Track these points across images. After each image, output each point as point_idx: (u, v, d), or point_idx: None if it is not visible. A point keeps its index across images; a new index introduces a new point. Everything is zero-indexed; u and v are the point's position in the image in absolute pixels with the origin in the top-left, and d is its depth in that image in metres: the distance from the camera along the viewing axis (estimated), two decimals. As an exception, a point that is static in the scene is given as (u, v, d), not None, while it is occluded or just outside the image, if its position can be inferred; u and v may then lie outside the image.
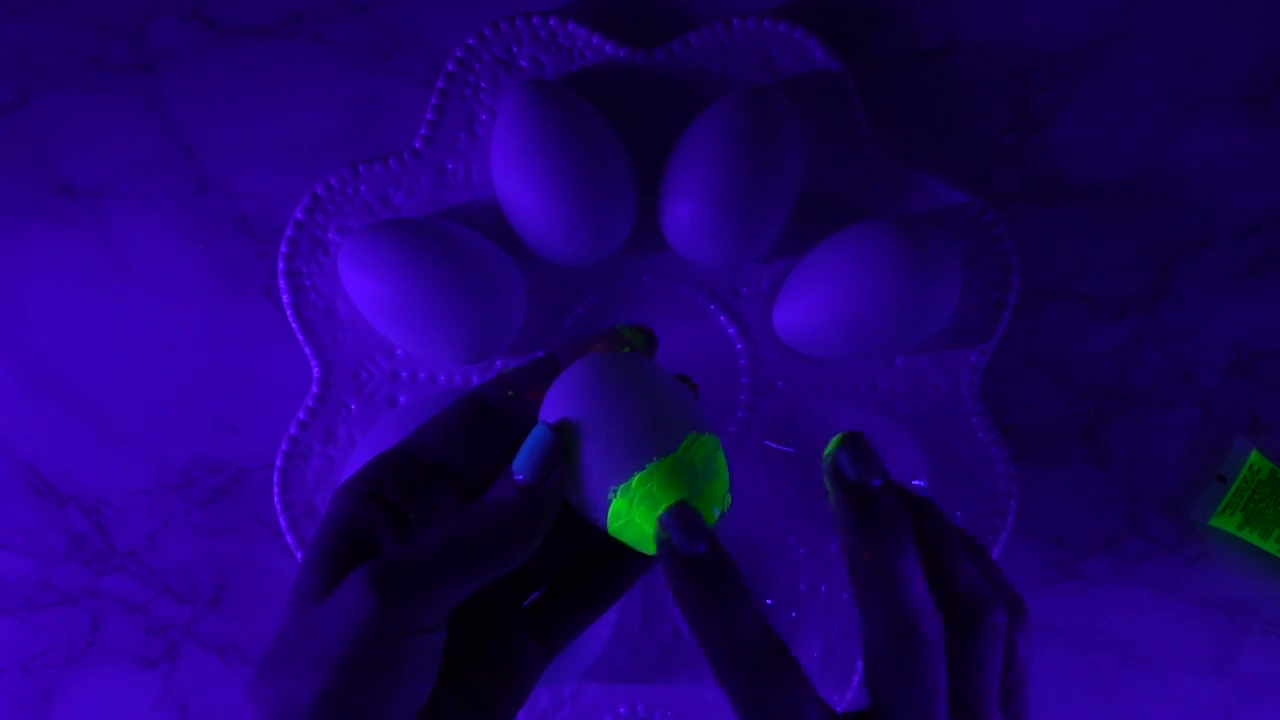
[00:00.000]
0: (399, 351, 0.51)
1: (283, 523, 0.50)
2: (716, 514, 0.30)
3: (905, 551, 0.29)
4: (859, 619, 0.30)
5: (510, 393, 0.32)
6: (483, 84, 0.50)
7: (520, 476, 0.29)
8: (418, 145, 0.50)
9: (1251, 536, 0.52)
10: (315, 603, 0.29)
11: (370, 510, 0.30)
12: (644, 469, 0.29)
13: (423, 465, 0.31)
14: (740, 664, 0.28)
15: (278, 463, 0.50)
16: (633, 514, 0.29)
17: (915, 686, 0.29)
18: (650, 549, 0.29)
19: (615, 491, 0.29)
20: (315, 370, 0.50)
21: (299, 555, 0.50)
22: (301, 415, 0.50)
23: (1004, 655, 0.31)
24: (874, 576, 0.29)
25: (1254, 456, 0.52)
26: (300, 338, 0.50)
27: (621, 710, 0.52)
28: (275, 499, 0.50)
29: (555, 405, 0.31)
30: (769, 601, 0.51)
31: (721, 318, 0.51)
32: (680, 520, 0.28)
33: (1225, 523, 0.52)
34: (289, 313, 0.50)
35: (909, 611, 0.29)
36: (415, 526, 0.30)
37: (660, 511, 0.29)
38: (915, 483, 0.50)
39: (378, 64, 0.51)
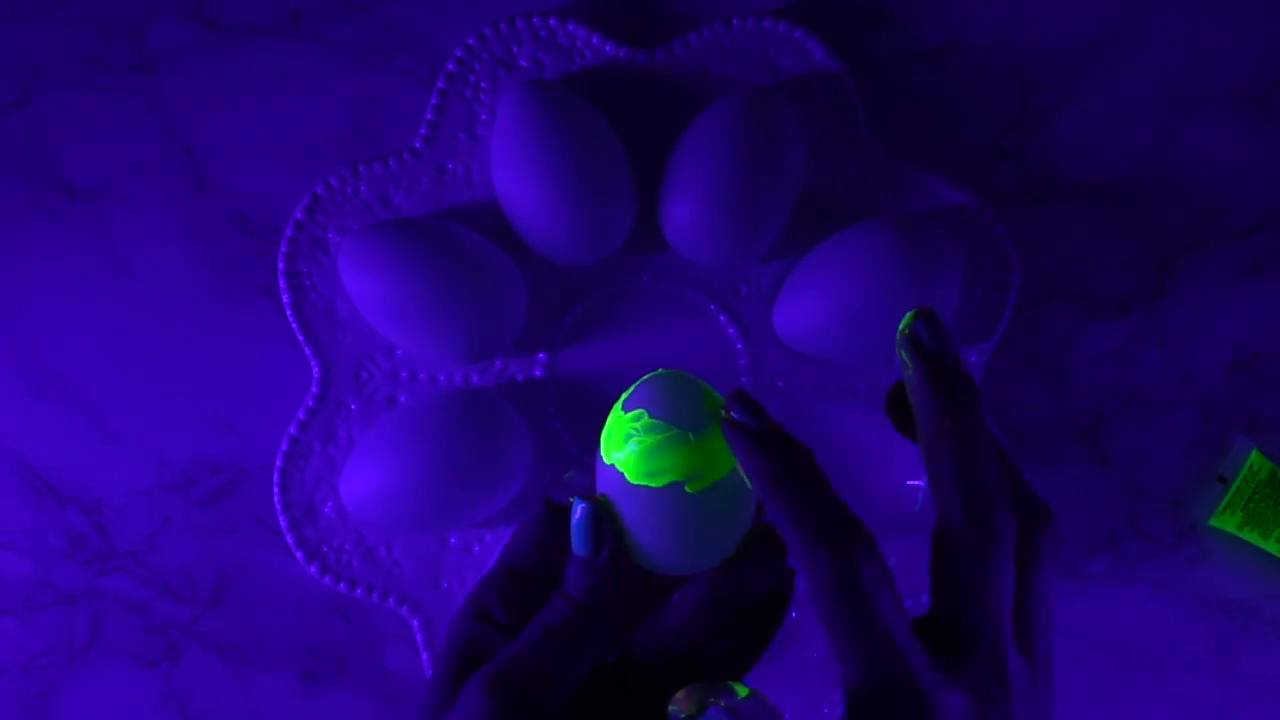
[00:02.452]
0: (399, 351, 0.51)
1: (283, 523, 0.50)
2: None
3: (985, 430, 0.29)
4: (932, 504, 0.30)
5: (571, 499, 0.33)
6: (483, 84, 0.50)
7: (579, 551, 0.30)
8: (418, 145, 0.50)
9: (1251, 536, 0.52)
10: (440, 717, 0.31)
11: (480, 629, 0.32)
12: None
13: (520, 577, 0.32)
14: (822, 532, 0.28)
15: (278, 463, 0.50)
16: (640, 454, 0.29)
17: (991, 578, 0.28)
18: (670, 474, 0.29)
19: (625, 442, 0.30)
20: (315, 370, 0.50)
21: (299, 555, 0.50)
22: (301, 415, 0.50)
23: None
24: (957, 449, 0.28)
25: (1254, 456, 0.52)
26: (300, 338, 0.50)
27: (621, 710, 0.52)
28: (275, 499, 0.50)
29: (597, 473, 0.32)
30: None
31: (721, 318, 0.51)
32: (738, 401, 0.29)
33: (1225, 523, 0.52)
34: (289, 313, 0.50)
35: (988, 490, 0.28)
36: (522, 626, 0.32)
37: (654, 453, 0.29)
38: (914, 483, 0.50)
39: (378, 64, 0.51)
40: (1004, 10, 0.51)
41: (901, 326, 0.29)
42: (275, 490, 0.50)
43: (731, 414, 0.29)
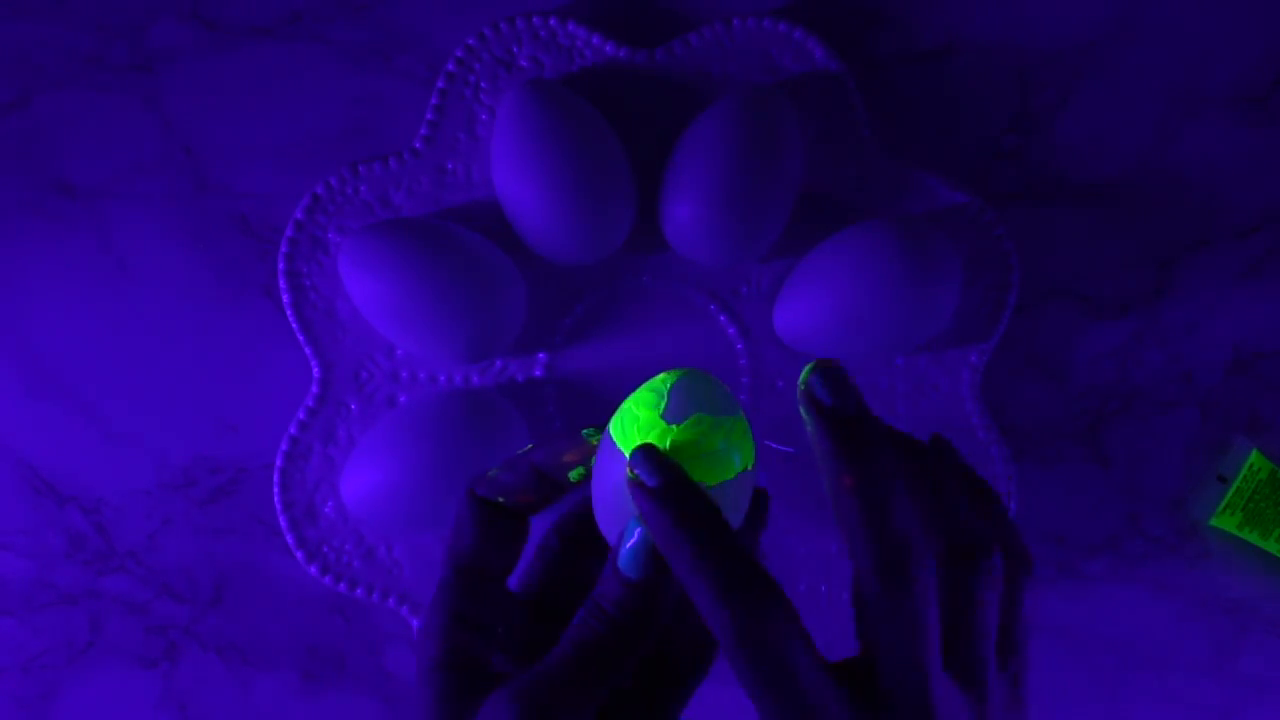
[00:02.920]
0: (399, 351, 0.51)
1: (283, 523, 0.50)
2: (735, 463, 0.30)
3: (890, 478, 0.28)
4: (848, 562, 0.29)
5: (501, 499, 0.33)
6: (483, 84, 0.50)
7: (630, 575, 0.30)
8: (418, 145, 0.50)
9: (1251, 536, 0.52)
10: None
11: (467, 637, 0.31)
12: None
13: (480, 576, 0.32)
14: (724, 591, 0.27)
15: (278, 463, 0.50)
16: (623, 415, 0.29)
17: (906, 623, 0.28)
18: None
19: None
20: (315, 370, 0.50)
21: (299, 555, 0.50)
22: (301, 415, 0.50)
23: (1002, 605, 0.30)
24: (858, 504, 0.28)
25: (1254, 456, 0.52)
26: (300, 338, 0.50)
27: (621, 710, 0.52)
28: (275, 499, 0.50)
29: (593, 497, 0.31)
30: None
31: (721, 318, 0.51)
32: (643, 457, 0.29)
33: (1225, 523, 0.52)
34: (289, 313, 0.50)
35: (897, 540, 0.28)
36: (499, 635, 0.32)
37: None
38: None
39: (378, 64, 0.51)
40: (1004, 10, 0.51)
41: (800, 382, 0.29)
42: (275, 490, 0.50)
43: (634, 470, 0.28)
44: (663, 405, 0.30)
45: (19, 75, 0.51)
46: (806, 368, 0.29)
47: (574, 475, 0.32)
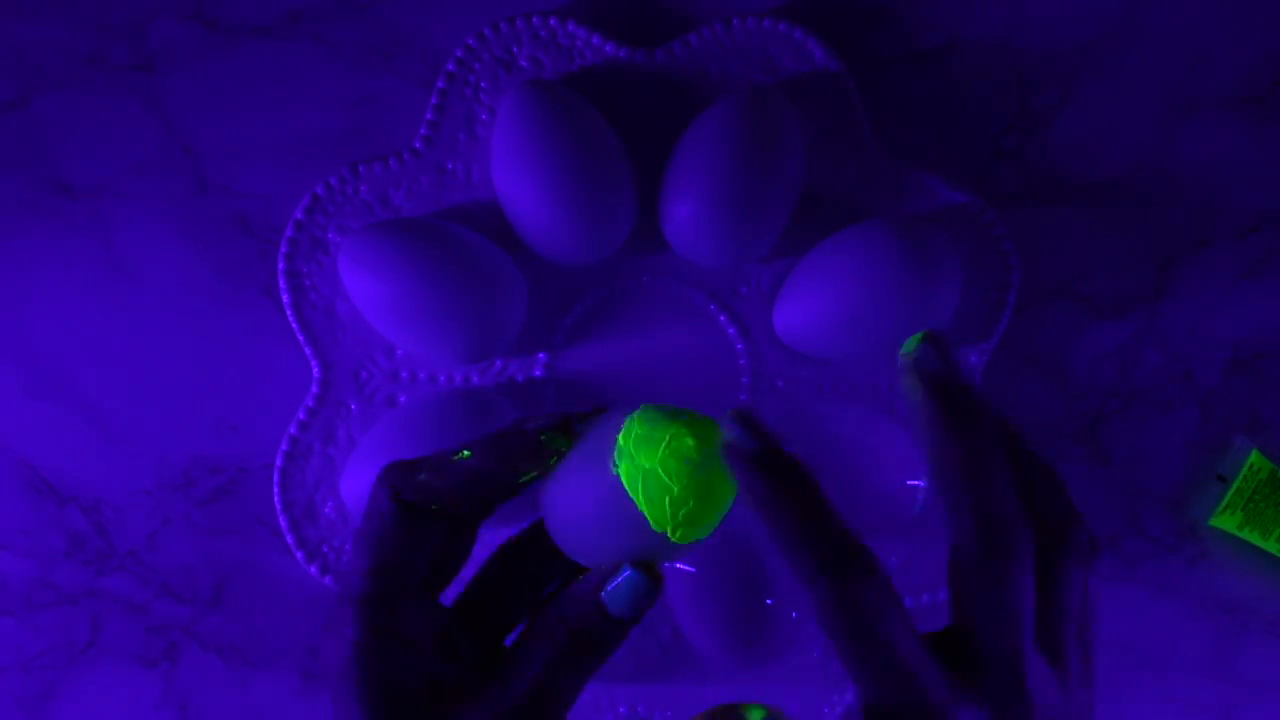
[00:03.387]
0: (399, 351, 0.51)
1: (283, 523, 0.50)
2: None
3: (997, 451, 0.28)
4: (946, 528, 0.29)
5: (434, 506, 0.31)
6: (483, 84, 0.50)
7: (614, 610, 0.29)
8: (418, 145, 0.50)
9: (1251, 536, 0.52)
10: None
11: (400, 658, 0.30)
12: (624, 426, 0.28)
13: (410, 590, 0.30)
14: (822, 562, 0.27)
15: (278, 463, 0.50)
16: (639, 463, 0.28)
17: (1005, 595, 0.28)
18: (668, 491, 0.28)
19: (618, 457, 0.28)
20: (315, 370, 0.50)
21: (299, 555, 0.50)
22: (301, 415, 0.50)
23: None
24: (966, 475, 0.28)
25: (1254, 456, 0.52)
26: (300, 338, 0.50)
27: (621, 710, 0.52)
28: (275, 499, 0.50)
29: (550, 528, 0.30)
30: (769, 601, 0.51)
31: (721, 318, 0.51)
32: (740, 420, 0.28)
33: (1225, 523, 0.52)
34: (289, 313, 0.50)
35: (1002, 513, 0.28)
36: (429, 651, 0.30)
37: (661, 448, 0.28)
38: (914, 483, 0.50)
39: (378, 64, 0.51)
40: (1004, 10, 0.51)
41: (905, 350, 0.29)
42: (275, 490, 0.50)
43: (732, 434, 0.28)
44: (641, 426, 0.29)
45: (19, 75, 0.51)
46: (913, 337, 0.28)
47: (525, 478, 0.30)
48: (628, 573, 0.29)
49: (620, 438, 0.28)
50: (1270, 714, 0.53)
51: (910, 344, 0.29)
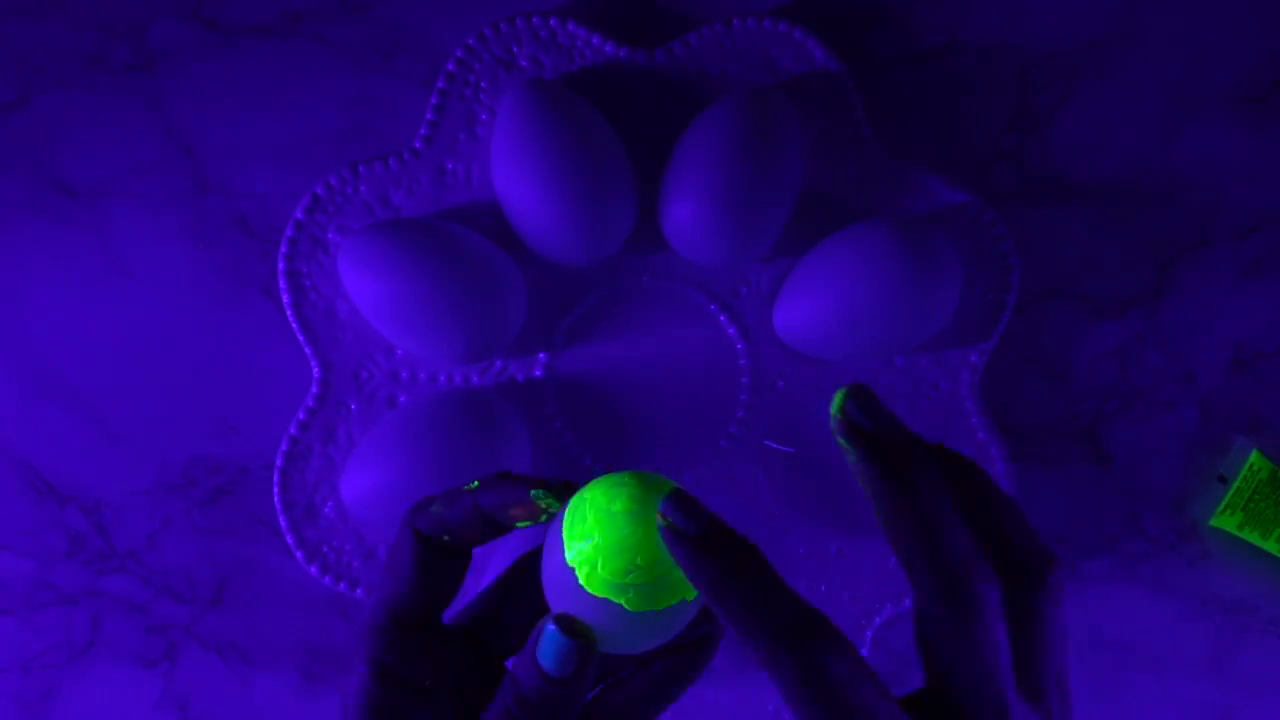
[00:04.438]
0: (399, 351, 0.51)
1: (283, 523, 0.50)
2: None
3: (942, 498, 0.27)
4: (908, 587, 0.28)
5: (445, 537, 0.31)
6: (483, 84, 0.50)
7: (552, 672, 0.29)
8: (418, 145, 0.50)
9: (1251, 536, 0.52)
10: None
11: (394, 696, 0.30)
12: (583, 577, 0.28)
13: (412, 626, 0.31)
14: (781, 637, 0.26)
15: (278, 463, 0.50)
16: (596, 570, 0.28)
17: (975, 648, 0.27)
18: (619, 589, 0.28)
19: (573, 555, 0.28)
20: (315, 370, 0.50)
21: (299, 555, 0.50)
22: (301, 415, 0.50)
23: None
24: (913, 529, 0.27)
25: (1254, 456, 0.52)
26: (300, 338, 0.50)
27: (621, 710, 0.51)
28: (275, 499, 0.50)
29: (546, 576, 0.30)
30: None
31: (721, 318, 0.51)
32: (676, 503, 0.27)
33: (1225, 523, 0.52)
34: (289, 313, 0.50)
35: (957, 561, 0.27)
36: (429, 689, 0.30)
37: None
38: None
39: (378, 64, 0.51)
40: (1004, 10, 0.51)
41: (833, 410, 0.28)
42: (275, 490, 0.50)
43: (670, 518, 0.27)
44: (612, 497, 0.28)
45: (19, 75, 0.51)
46: (838, 395, 0.28)
47: (520, 524, 0.31)
48: (549, 628, 0.29)
49: (571, 561, 0.28)
50: (1270, 714, 0.53)
51: (836, 403, 0.28)
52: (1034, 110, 0.52)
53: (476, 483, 0.31)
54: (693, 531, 0.27)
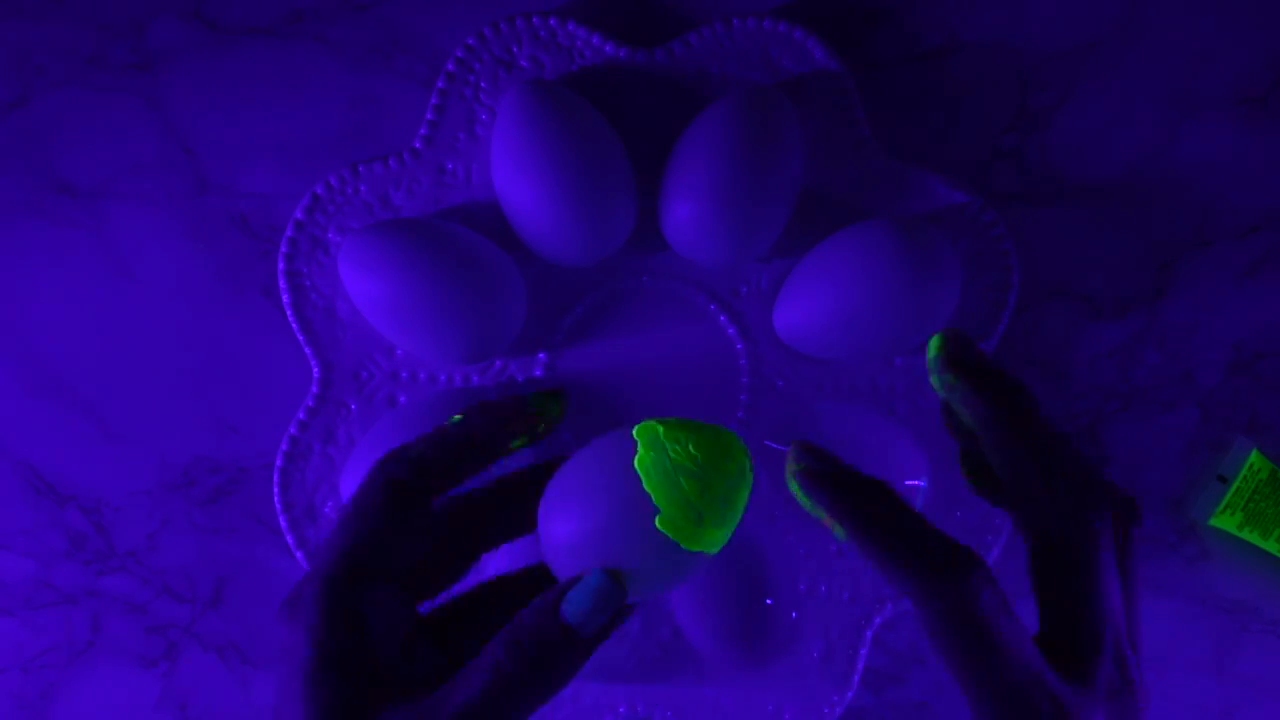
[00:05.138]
0: (399, 351, 0.51)
1: (283, 523, 0.50)
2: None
3: (1052, 425, 0.27)
4: (1019, 520, 0.27)
5: (428, 482, 0.30)
6: (483, 84, 0.50)
7: (575, 623, 0.27)
8: (418, 145, 0.50)
9: (1251, 536, 0.52)
10: None
11: (346, 640, 0.28)
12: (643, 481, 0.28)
13: (363, 575, 0.29)
14: (932, 569, 0.26)
15: (278, 463, 0.50)
16: (660, 461, 0.28)
17: (1102, 573, 0.26)
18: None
19: (641, 452, 0.28)
20: (315, 370, 0.50)
21: (299, 555, 0.50)
22: (301, 415, 0.50)
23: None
24: (1035, 453, 0.26)
25: (1254, 456, 0.52)
26: (300, 338, 0.50)
27: (621, 710, 0.52)
28: (275, 499, 0.50)
29: (559, 530, 0.29)
30: (769, 601, 0.51)
31: (721, 318, 0.51)
32: (809, 451, 0.28)
33: (1225, 523, 0.52)
34: (289, 313, 0.50)
35: (1081, 483, 0.26)
36: (386, 646, 0.29)
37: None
38: (914, 483, 0.50)
39: (378, 64, 0.51)
40: (1004, 10, 0.51)
41: (932, 353, 0.28)
42: (275, 490, 0.50)
43: (805, 463, 0.27)
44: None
45: (19, 75, 0.51)
46: (935, 339, 0.28)
47: (516, 444, 0.30)
48: (594, 575, 0.28)
49: (638, 433, 0.28)
50: (1270, 714, 0.53)
51: (934, 345, 0.28)
52: (1034, 110, 0.52)
53: (459, 416, 0.30)
54: (831, 471, 0.27)
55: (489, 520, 0.32)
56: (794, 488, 0.28)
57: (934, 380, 0.28)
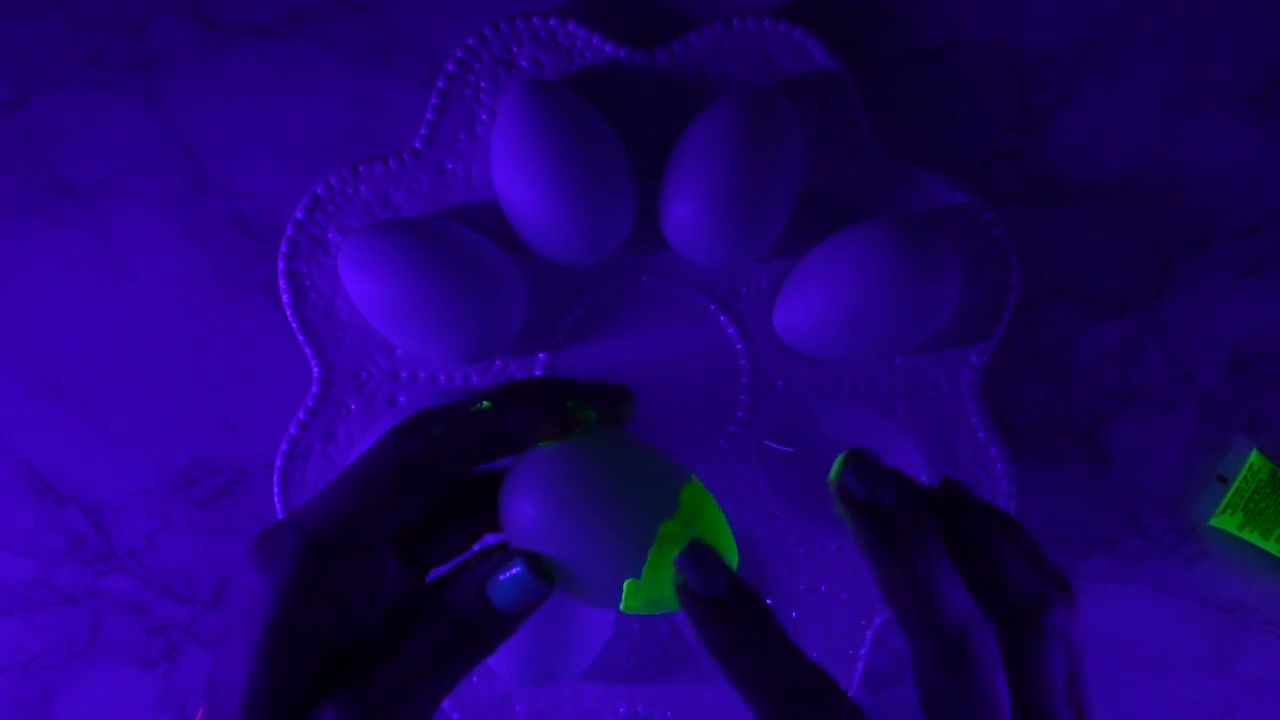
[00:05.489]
0: (399, 351, 0.51)
1: (283, 523, 0.50)
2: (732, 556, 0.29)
3: (938, 564, 0.27)
4: (904, 640, 0.28)
5: (444, 464, 0.29)
6: (483, 84, 0.50)
7: (499, 606, 0.28)
8: (418, 145, 0.50)
9: (1251, 536, 0.52)
10: None
11: (322, 614, 0.28)
12: (654, 544, 0.28)
13: (352, 542, 0.29)
14: (777, 701, 0.26)
15: (278, 463, 0.50)
16: (651, 590, 0.28)
17: (975, 705, 0.27)
18: (672, 607, 0.28)
19: (633, 581, 0.28)
20: (315, 370, 0.50)
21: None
22: (301, 415, 0.50)
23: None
24: (910, 596, 0.27)
25: (1254, 456, 0.52)
26: (300, 338, 0.50)
27: (621, 710, 0.52)
28: (275, 499, 0.50)
29: (524, 508, 0.29)
30: (769, 601, 0.51)
31: (721, 318, 0.51)
32: (696, 561, 0.27)
33: (1225, 523, 0.52)
34: (289, 313, 0.50)
35: (954, 628, 0.27)
36: (350, 606, 0.29)
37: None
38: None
39: (378, 64, 0.51)
40: (1004, 10, 0.51)
41: (831, 476, 0.28)
42: (275, 490, 0.50)
43: (686, 574, 0.27)
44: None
45: (19, 75, 0.51)
46: (837, 461, 0.28)
47: (543, 442, 0.29)
48: (517, 570, 0.28)
49: (651, 557, 0.28)
50: (1270, 714, 0.53)
51: (834, 471, 0.28)
52: (1034, 110, 0.52)
53: (486, 403, 0.29)
54: (707, 593, 0.27)
55: (494, 504, 0.32)
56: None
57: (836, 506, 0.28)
